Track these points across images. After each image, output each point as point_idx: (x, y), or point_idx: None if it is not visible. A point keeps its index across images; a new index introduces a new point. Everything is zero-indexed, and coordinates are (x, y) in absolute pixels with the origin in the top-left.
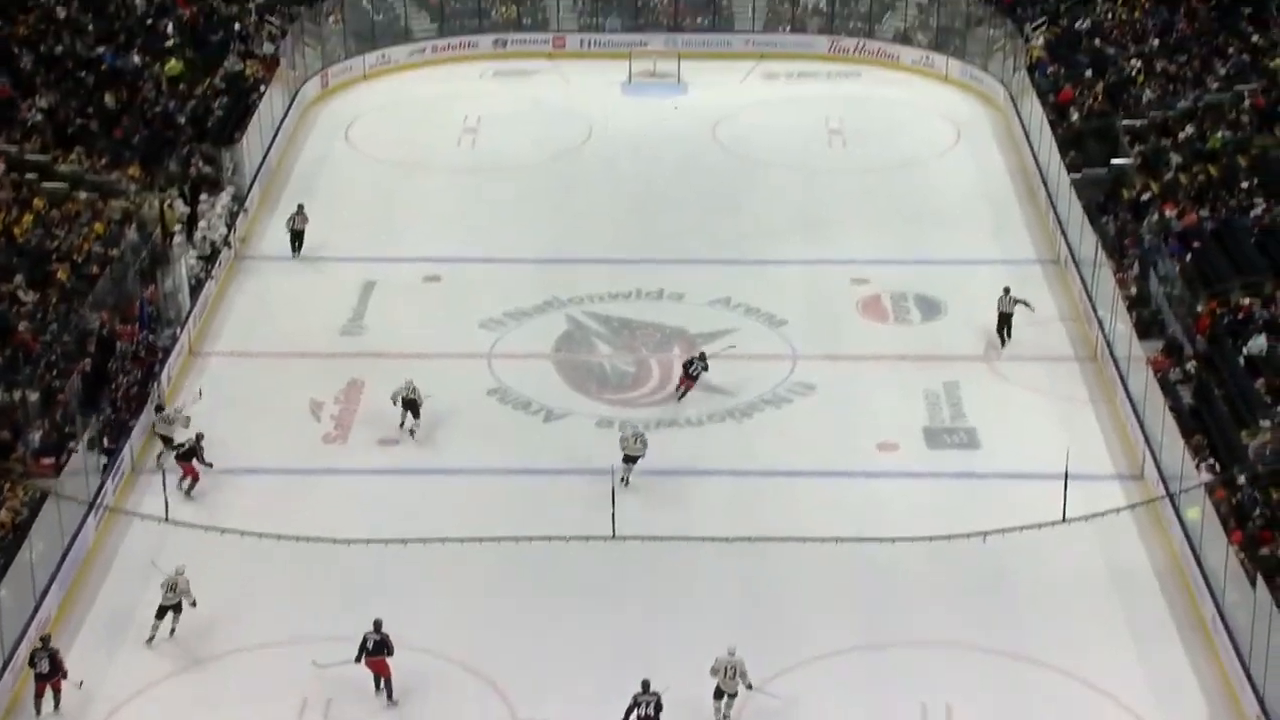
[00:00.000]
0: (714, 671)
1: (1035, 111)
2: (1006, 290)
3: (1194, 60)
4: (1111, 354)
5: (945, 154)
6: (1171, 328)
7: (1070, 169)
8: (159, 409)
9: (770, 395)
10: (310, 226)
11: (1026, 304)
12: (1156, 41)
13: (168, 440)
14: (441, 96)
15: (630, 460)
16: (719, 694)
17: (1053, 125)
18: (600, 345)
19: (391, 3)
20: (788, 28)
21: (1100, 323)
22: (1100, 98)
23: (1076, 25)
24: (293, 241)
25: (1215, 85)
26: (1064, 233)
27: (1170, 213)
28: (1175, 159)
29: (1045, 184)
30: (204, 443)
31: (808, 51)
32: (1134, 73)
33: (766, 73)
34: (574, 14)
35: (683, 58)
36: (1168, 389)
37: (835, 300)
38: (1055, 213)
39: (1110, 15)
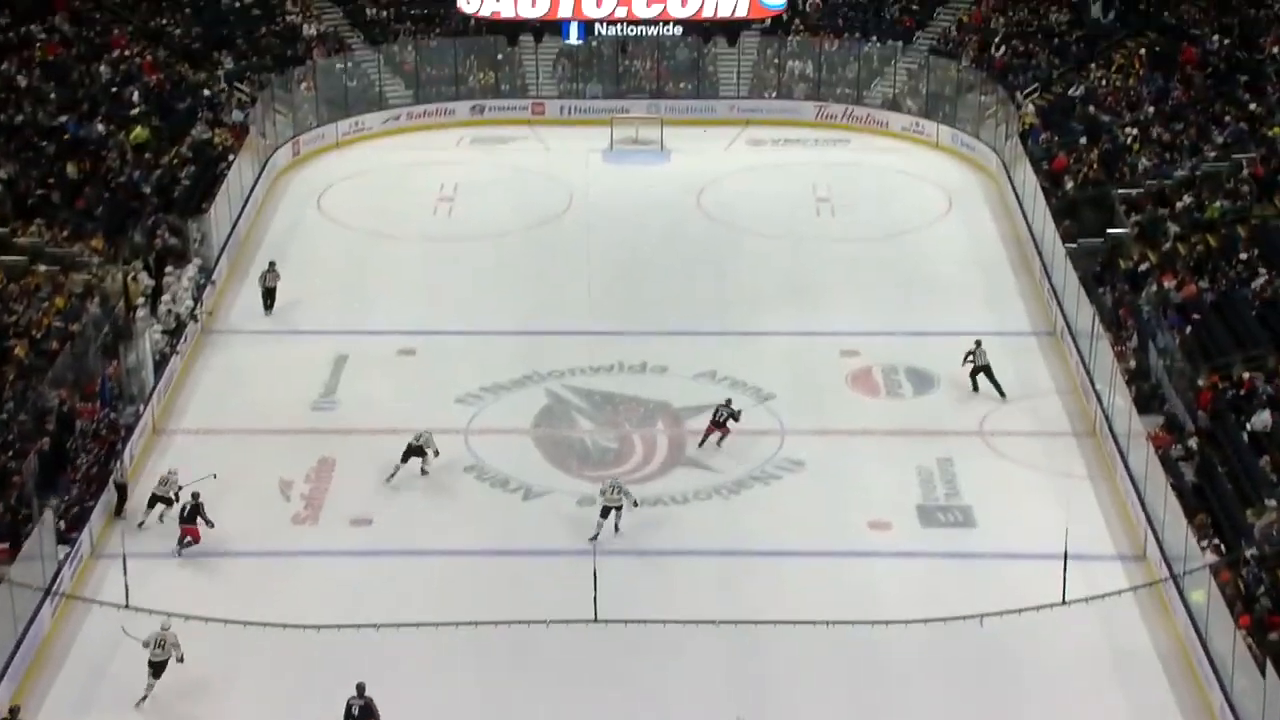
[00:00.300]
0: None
1: (1028, 179)
2: (978, 343)
3: (1190, 128)
4: (1110, 429)
5: (936, 222)
6: (1172, 402)
7: (1065, 238)
8: (162, 481)
9: (758, 471)
10: (280, 299)
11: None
12: (1152, 109)
13: (166, 500)
14: (417, 164)
15: (612, 510)
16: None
17: (1046, 193)
18: (581, 420)
19: (365, 69)
20: (773, 93)
21: (1098, 397)
22: (1095, 166)
23: (1070, 92)
24: (265, 299)
25: (1213, 154)
26: (1060, 304)
27: (1169, 284)
28: (1173, 229)
29: (1040, 254)
30: (201, 500)
31: (794, 118)
32: (1129, 140)
33: (752, 139)
34: (554, 80)
35: (666, 124)
36: (1169, 466)
37: (824, 373)
38: (1050, 283)
39: (1104, 82)
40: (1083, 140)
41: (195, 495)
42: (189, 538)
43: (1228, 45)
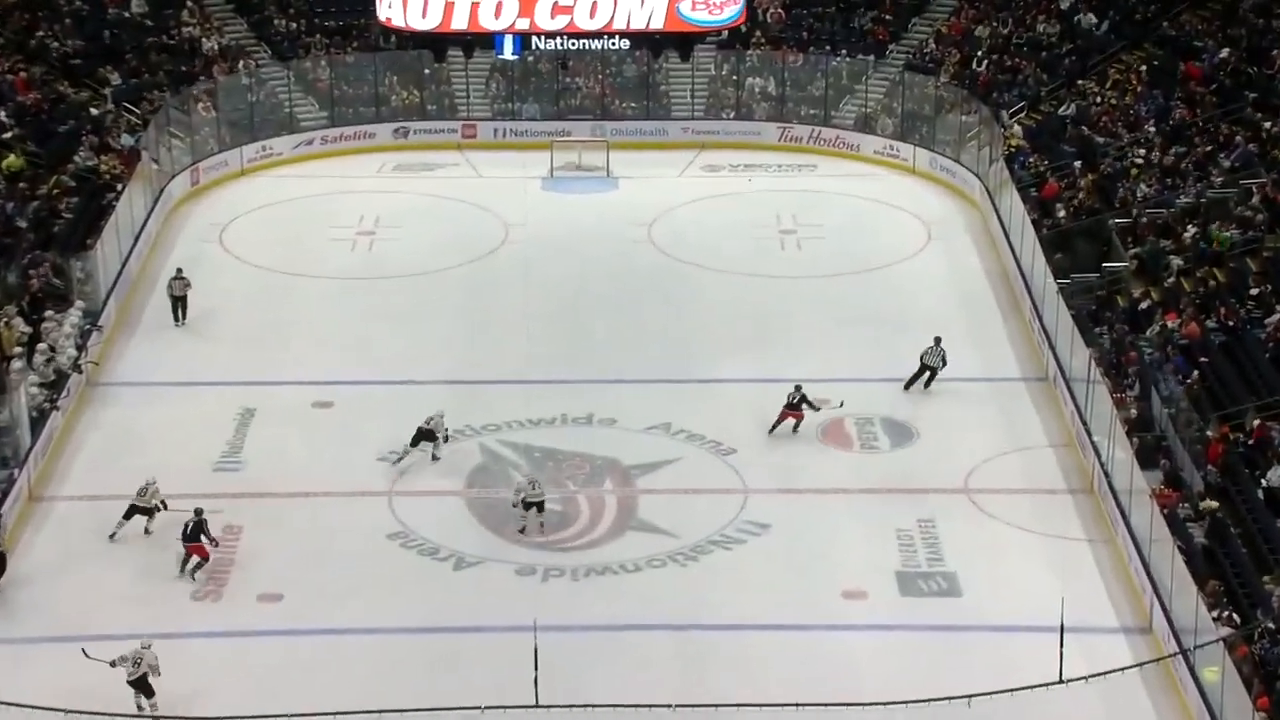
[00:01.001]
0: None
1: (1016, 208)
2: (937, 341)
3: (1195, 150)
4: (1110, 486)
5: (914, 256)
6: (1178, 456)
7: (1058, 274)
8: (140, 491)
9: (718, 535)
10: (179, 347)
11: (942, 364)
12: (1152, 129)
13: (146, 511)
14: (333, 194)
15: (533, 506)
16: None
17: (1036, 224)
18: (519, 479)
19: (273, 87)
20: (731, 114)
21: (1096, 450)
22: (1089, 192)
23: (1060, 111)
24: (174, 309)
25: (1219, 178)
26: (1052, 346)
27: (1173, 323)
28: (1176, 262)
29: (1029, 291)
30: (205, 517)
31: (755, 141)
32: (1127, 164)
33: (708, 164)
34: (486, 99)
35: (612, 148)
36: (1176, 527)
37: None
38: (1041, 324)
39: (1099, 99)
40: (1076, 164)
41: (199, 511)
42: (196, 557)
43: (1234, 59)
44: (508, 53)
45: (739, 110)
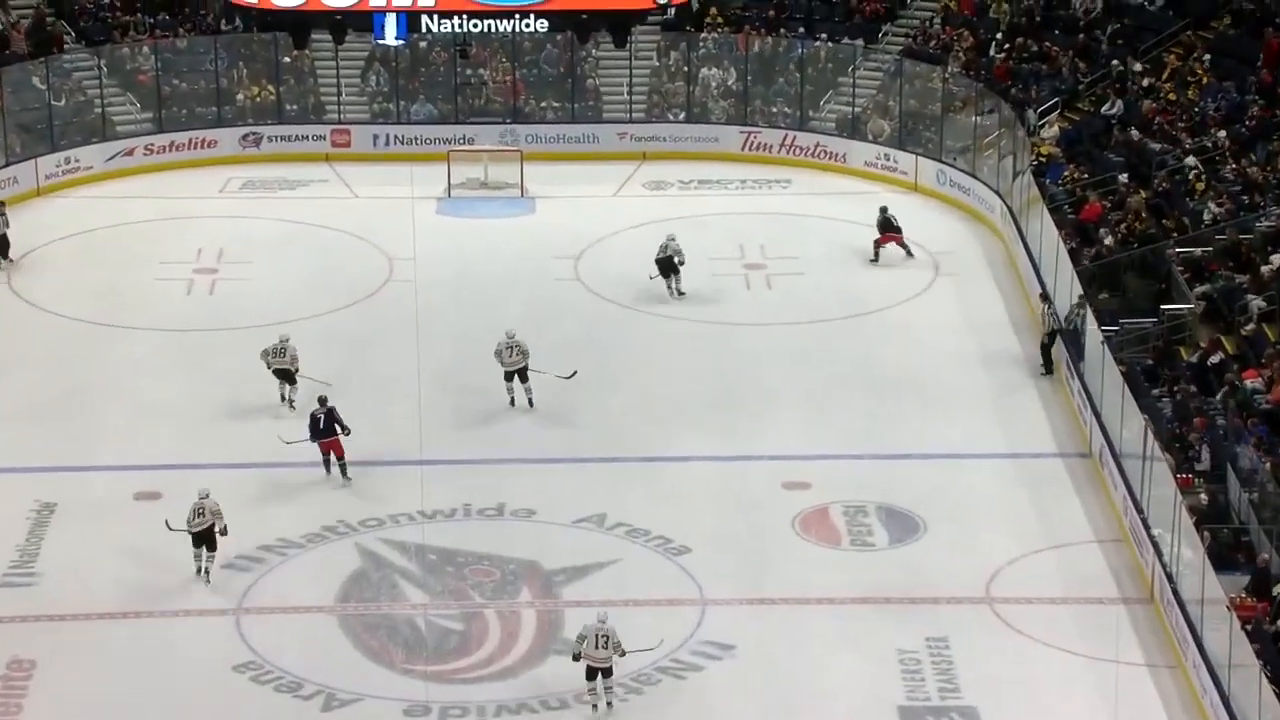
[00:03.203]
0: (580, 640)
1: (1048, 234)
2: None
3: (1278, 159)
4: (1175, 594)
5: (917, 298)
6: (1264, 553)
7: (1102, 318)
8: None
9: (668, 660)
10: None
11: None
12: (1222, 132)
13: (287, 375)
14: (161, 220)
15: (516, 373)
16: (591, 673)
17: (1073, 254)
18: (409, 590)
19: (80, 81)
20: (681, 114)
21: (1156, 547)
22: (1142, 214)
23: (1104, 110)
24: None
25: None
26: (1097, 413)
27: (1252, 382)
28: (1256, 303)
29: (1064, 340)
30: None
31: (712, 150)
32: (1189, 177)
33: (651, 180)
34: (363, 98)
35: (528, 160)
36: (1265, 646)
37: (762, 515)
38: (1082, 383)
39: (1152, 95)
40: (1123, 178)
41: (323, 400)
42: (331, 454)
43: None
44: (390, 37)
45: (690, 110)
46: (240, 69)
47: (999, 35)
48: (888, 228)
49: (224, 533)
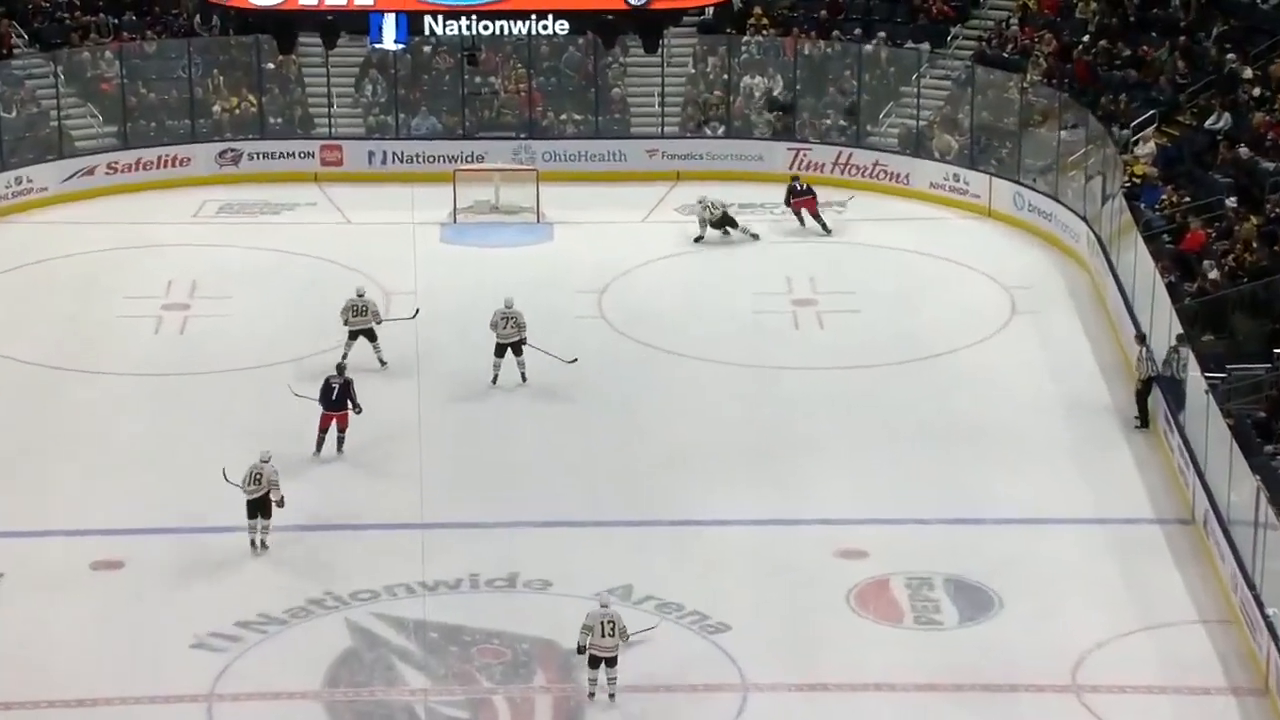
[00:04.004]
0: (585, 631)
1: (1143, 266)
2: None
3: None
4: None
5: (991, 339)
6: None
7: (1206, 364)
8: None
9: None
10: None
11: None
12: None
13: (367, 334)
14: (126, 249)
15: (509, 349)
16: (595, 662)
17: (1172, 289)
18: (407, 673)
19: (34, 90)
20: (720, 128)
21: (1270, 627)
22: (1252, 244)
23: (1208, 123)
24: None
25: None
26: (1200, 474)
27: None
28: None
29: (1162, 390)
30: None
31: (755, 170)
32: None
33: (686, 204)
34: (358, 110)
35: (545, 180)
36: None
37: (812, 587)
38: (1183, 438)
39: (1264, 106)
40: (1231, 201)
41: (341, 368)
42: (334, 425)
43: None
44: (389, 41)
45: (731, 124)
46: (217, 77)
47: (1086, 37)
48: (795, 194)
49: (280, 504)
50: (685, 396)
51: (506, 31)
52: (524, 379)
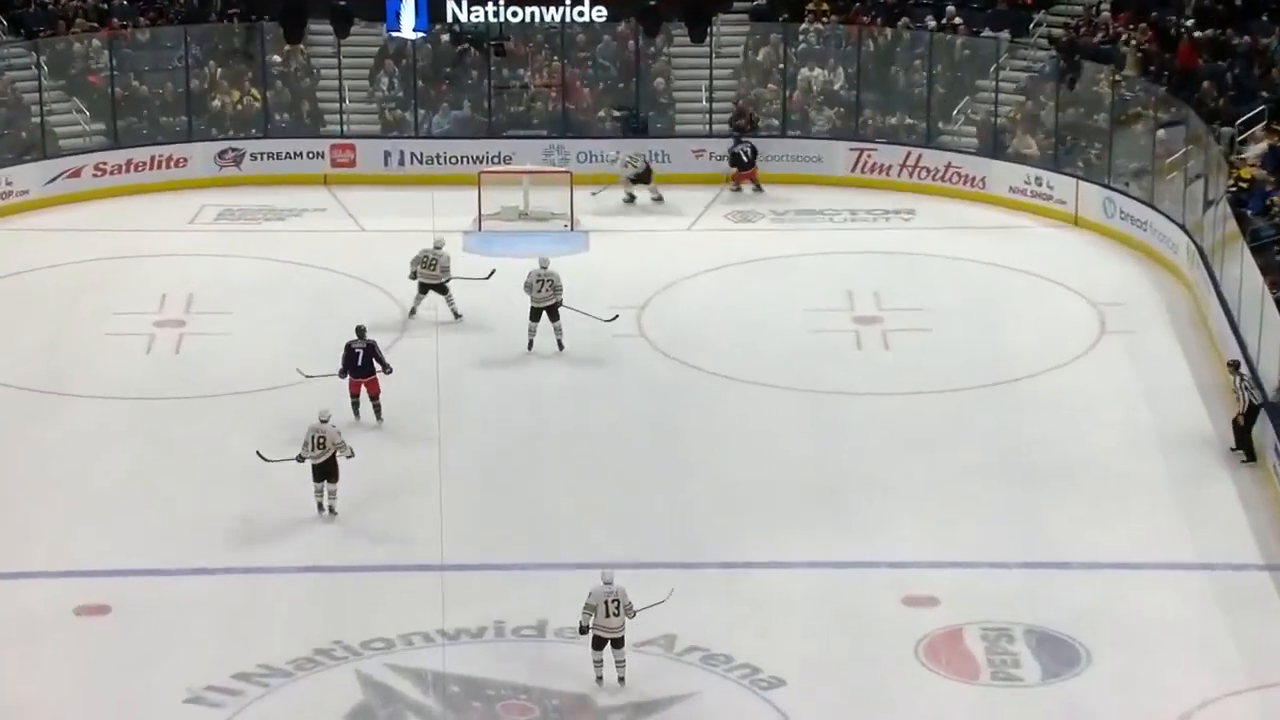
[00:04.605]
0: (588, 611)
1: (1250, 281)
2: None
3: None
4: None
5: (1077, 361)
6: None
7: None
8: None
9: None
10: None
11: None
12: None
13: (440, 288)
14: (116, 259)
15: (544, 313)
16: (599, 642)
17: None
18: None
19: (13, 82)
20: (774, 126)
21: None
22: None
23: None
24: None
25: None
26: None
27: None
28: None
29: (1271, 419)
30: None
31: (813, 172)
32: None
33: (736, 210)
34: (372, 105)
35: (579, 183)
36: None
37: (877, 639)
38: None
39: None
40: None
41: (361, 331)
42: (364, 392)
43: None
44: (407, 29)
45: (787, 122)
46: (215, 68)
47: (1187, 24)
48: (737, 162)
49: (351, 456)
50: (735, 424)
51: (538, 19)
52: (561, 346)
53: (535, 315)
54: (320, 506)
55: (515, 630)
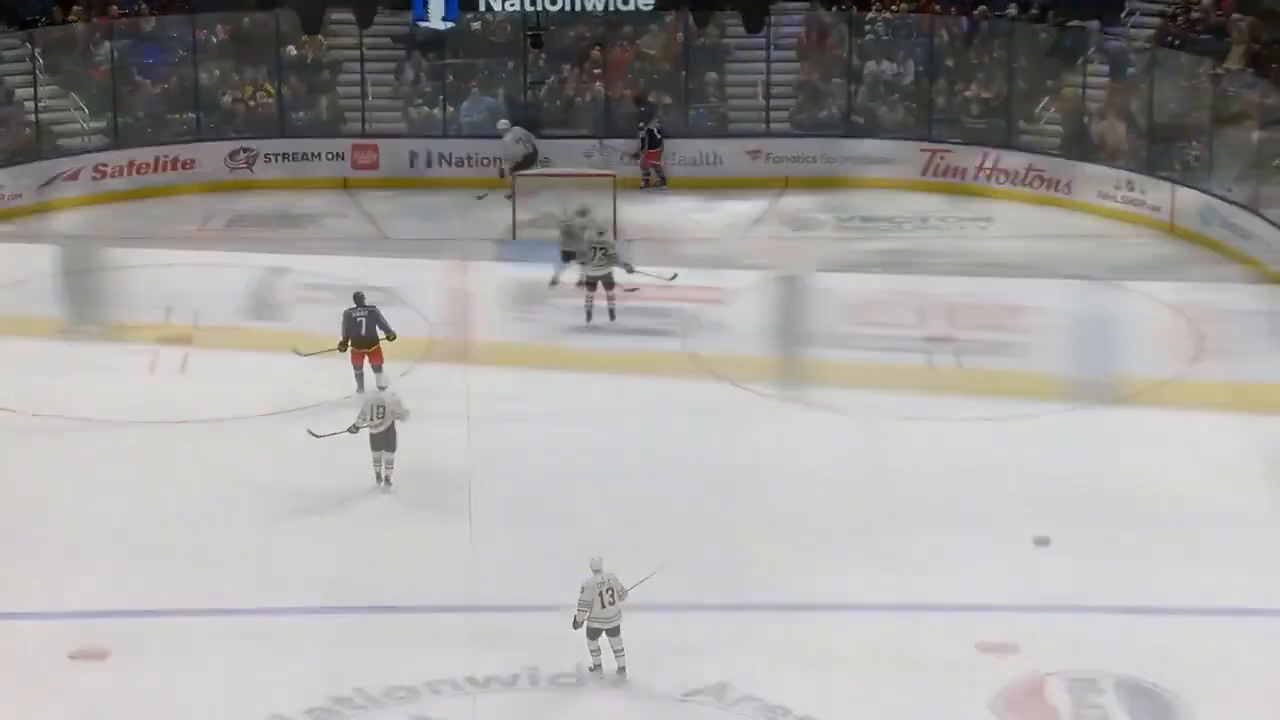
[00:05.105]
0: (583, 605)
1: None
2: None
3: None
4: None
5: (1172, 384)
6: None
7: None
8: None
9: None
10: None
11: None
12: None
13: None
14: (116, 269)
15: (599, 280)
16: (594, 633)
17: None
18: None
19: (5, 78)
20: (837, 125)
21: None
22: None
23: None
24: None
25: None
26: None
27: None
28: None
29: None
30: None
31: (881, 175)
32: None
33: (795, 215)
34: (396, 101)
35: (622, 187)
36: None
37: (948, 688)
38: None
39: None
40: None
41: (359, 298)
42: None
43: None
44: (436, 19)
45: (851, 120)
46: (227, 62)
47: None
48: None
49: (404, 418)
50: (790, 451)
51: (579, 7)
52: (613, 316)
53: (591, 284)
54: (378, 476)
55: (550, 678)
